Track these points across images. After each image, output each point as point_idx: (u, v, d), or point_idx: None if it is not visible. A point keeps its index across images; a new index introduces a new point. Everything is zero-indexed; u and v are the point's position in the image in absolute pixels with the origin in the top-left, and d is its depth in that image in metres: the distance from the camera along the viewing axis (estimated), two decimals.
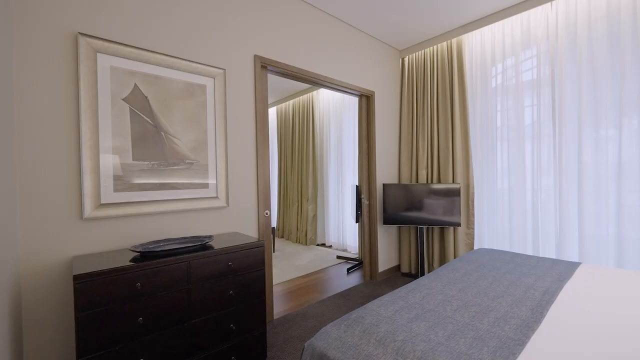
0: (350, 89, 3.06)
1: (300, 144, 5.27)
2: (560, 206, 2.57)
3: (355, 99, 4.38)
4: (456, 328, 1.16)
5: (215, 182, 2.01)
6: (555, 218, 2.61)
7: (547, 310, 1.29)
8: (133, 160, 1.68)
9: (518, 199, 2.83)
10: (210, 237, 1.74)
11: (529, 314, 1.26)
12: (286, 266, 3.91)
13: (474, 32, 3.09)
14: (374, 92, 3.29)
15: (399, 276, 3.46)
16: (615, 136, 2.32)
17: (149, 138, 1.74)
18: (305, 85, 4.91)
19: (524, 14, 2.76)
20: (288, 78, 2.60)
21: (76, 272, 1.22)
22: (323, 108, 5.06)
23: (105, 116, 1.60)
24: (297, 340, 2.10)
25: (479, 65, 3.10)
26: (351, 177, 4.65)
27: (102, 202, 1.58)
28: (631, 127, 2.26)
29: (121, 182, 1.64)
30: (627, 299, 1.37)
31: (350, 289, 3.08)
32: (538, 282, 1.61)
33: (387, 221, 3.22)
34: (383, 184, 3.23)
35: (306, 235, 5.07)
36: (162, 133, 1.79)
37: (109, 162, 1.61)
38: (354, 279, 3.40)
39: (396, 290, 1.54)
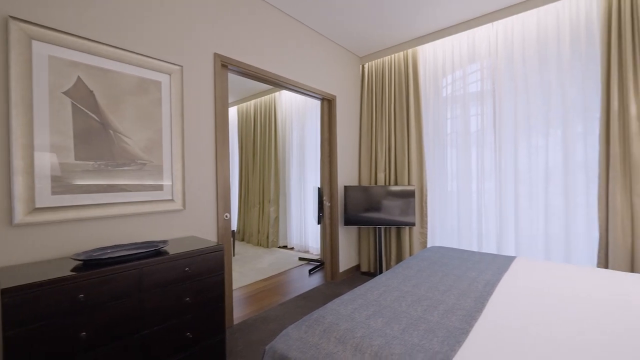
0: (313, 92, 3.10)
1: (262, 145, 5.20)
2: (500, 207, 2.86)
3: (317, 102, 4.44)
4: (410, 322, 1.23)
5: (170, 183, 1.91)
6: (496, 217, 2.90)
7: (488, 300, 1.43)
8: (75, 159, 1.53)
9: (465, 200, 3.09)
10: (164, 242, 1.65)
11: (473, 304, 1.39)
12: (246, 270, 3.82)
13: (427, 44, 3.32)
14: (335, 97, 3.37)
15: (359, 275, 3.57)
16: (543, 145, 2.65)
17: (95, 136, 1.60)
18: (267, 86, 4.86)
19: (470, 32, 3.03)
20: (250, 78, 2.56)
21: (4, 286, 1.08)
22: (285, 109, 5.05)
23: (42, 111, 1.44)
24: (258, 345, 2.06)
25: (431, 75, 3.33)
26: (313, 179, 4.70)
27: (37, 206, 1.42)
28: (556, 137, 2.59)
29: (60, 184, 1.49)
30: (553, 287, 1.57)
31: (311, 290, 3.11)
32: (481, 275, 1.78)
33: (347, 222, 3.31)
34: (344, 186, 3.31)
35: (268, 237, 5.00)
36: (111, 131, 1.66)
37: (46, 161, 1.45)
38: (316, 280, 3.43)
39: (356, 289, 1.60)
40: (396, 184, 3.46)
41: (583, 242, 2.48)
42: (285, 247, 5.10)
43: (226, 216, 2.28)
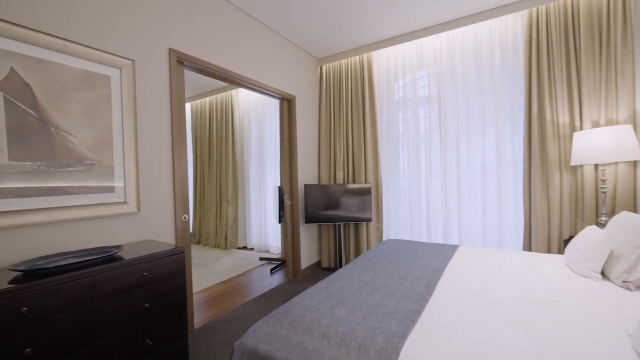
0: (273, 91, 3.11)
1: (218, 144, 5.04)
2: (446, 201, 3.16)
3: (276, 101, 4.43)
4: (370, 308, 1.34)
5: (123, 185, 1.80)
6: (442, 211, 3.20)
7: (436, 284, 1.61)
8: (9, 160, 1.38)
9: (416, 196, 3.35)
10: (119, 247, 1.56)
11: (424, 289, 1.55)
12: (205, 273, 3.70)
13: (381, 50, 3.52)
14: (295, 97, 3.41)
15: (320, 271, 3.67)
16: (480, 144, 2.99)
17: (33, 134, 1.45)
18: (223, 83, 4.73)
19: (418, 41, 3.29)
20: (208, 76, 2.49)
21: None
22: (243, 108, 4.96)
23: None
24: (221, 347, 2.04)
25: (385, 79, 3.54)
26: (273, 178, 4.69)
27: None
28: (491, 137, 2.95)
29: None
30: (489, 269, 1.81)
31: (273, 288, 3.13)
32: (430, 262, 1.97)
33: (308, 220, 3.38)
34: (304, 185, 3.38)
35: (226, 239, 4.87)
36: (52, 128, 1.51)
37: None
38: (278, 278, 3.46)
39: (319, 282, 1.68)
40: (354, 181, 3.62)
41: (512, 229, 2.86)
42: (244, 247, 5.02)
43: (184, 218, 2.21)
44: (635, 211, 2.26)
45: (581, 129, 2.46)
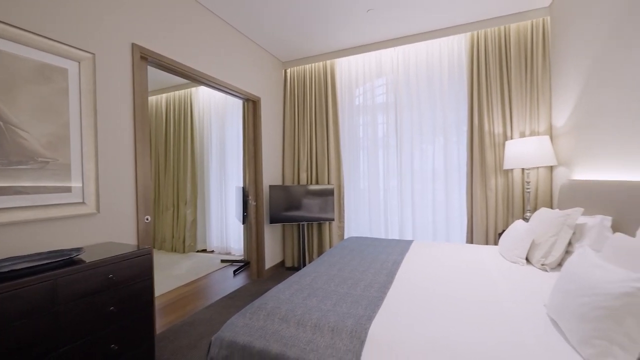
0: (239, 92, 3.11)
1: (176, 143, 4.83)
2: (401, 201, 3.44)
3: (238, 101, 4.40)
4: (339, 297, 1.47)
5: (81, 185, 1.70)
6: (398, 210, 3.47)
7: (395, 274, 1.79)
8: None
9: (374, 196, 3.59)
10: (78, 249, 1.48)
11: (385, 279, 1.72)
12: (163, 277, 3.54)
13: (343, 58, 3.71)
14: (260, 98, 3.45)
15: (284, 271, 3.73)
16: (431, 150, 3.32)
17: None
18: (181, 80, 4.55)
19: (377, 52, 3.54)
20: (172, 73, 2.43)
21: None
22: (203, 106, 4.82)
23: None
24: (188, 349, 2.01)
25: (347, 85, 3.73)
26: (235, 179, 4.63)
27: None
28: (439, 144, 3.28)
29: None
30: (438, 259, 2.06)
31: (238, 289, 3.12)
32: (389, 256, 2.17)
33: (273, 220, 3.43)
34: (269, 186, 3.42)
35: (184, 242, 4.68)
36: (1, 123, 1.40)
37: None
38: (241, 280, 3.44)
39: (290, 277, 1.76)
40: (317, 183, 3.75)
41: (457, 225, 3.22)
42: (204, 250, 4.87)
43: (147, 219, 2.13)
44: (551, 207, 2.72)
45: (512, 138, 2.88)
